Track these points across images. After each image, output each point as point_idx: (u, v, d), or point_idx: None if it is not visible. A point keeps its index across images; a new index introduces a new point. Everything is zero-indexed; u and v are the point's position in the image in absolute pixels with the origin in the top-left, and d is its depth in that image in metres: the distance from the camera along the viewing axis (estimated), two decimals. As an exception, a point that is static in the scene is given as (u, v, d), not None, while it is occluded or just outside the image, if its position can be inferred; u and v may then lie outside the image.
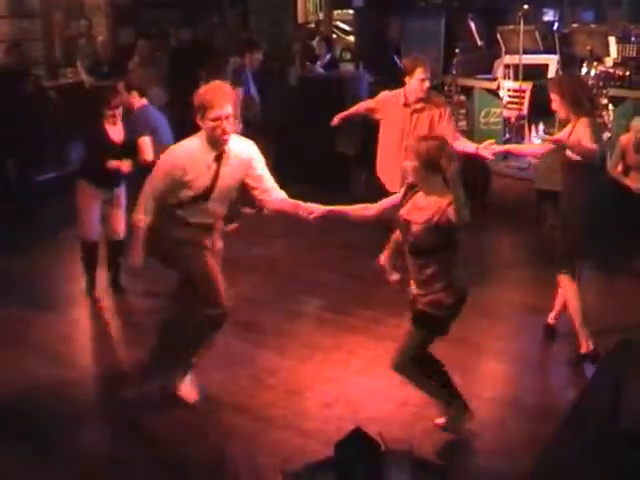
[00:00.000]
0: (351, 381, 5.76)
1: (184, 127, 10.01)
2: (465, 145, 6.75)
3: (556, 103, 5.96)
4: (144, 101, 7.42)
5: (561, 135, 6.00)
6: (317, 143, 10.51)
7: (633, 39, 11.81)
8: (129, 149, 6.97)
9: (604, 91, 10.84)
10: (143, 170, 6.57)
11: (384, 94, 7.28)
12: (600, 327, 6.19)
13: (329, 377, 5.82)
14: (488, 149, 6.42)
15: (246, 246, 8.62)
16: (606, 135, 10.40)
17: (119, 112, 7.07)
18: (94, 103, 7.31)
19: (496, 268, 8.00)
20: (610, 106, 10.59)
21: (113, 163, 6.92)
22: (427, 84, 6.91)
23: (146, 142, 6.99)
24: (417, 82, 6.88)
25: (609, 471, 2.70)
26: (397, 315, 6.69)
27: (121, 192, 7.29)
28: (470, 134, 10.47)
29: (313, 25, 16.76)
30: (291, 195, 5.58)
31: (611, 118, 10.40)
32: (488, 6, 14.21)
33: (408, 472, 2.67)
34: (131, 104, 7.32)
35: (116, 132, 7.06)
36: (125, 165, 6.93)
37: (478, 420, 5.07)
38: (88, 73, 12.28)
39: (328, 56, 12.49)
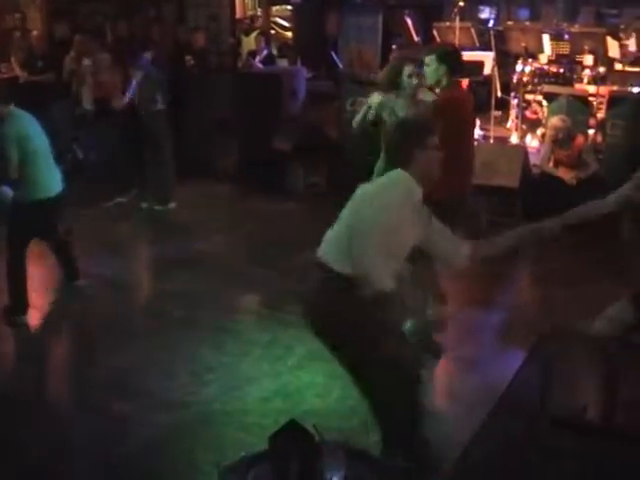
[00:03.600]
0: (289, 375, 5.79)
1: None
2: None
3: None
4: (8, 110, 6.58)
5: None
6: (254, 139, 10.52)
7: (566, 37, 11.99)
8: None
9: (538, 87, 11.01)
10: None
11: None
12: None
13: (267, 372, 5.84)
14: None
15: (183, 242, 8.61)
16: (541, 130, 10.59)
17: None
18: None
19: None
20: (544, 102, 10.76)
21: None
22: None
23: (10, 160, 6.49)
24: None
25: (537, 454, 2.78)
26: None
27: None
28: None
29: (249, 20, 16.73)
30: (228, 194, 5.54)
31: (545, 114, 10.56)
32: (425, 2, 14.30)
33: (343, 463, 2.70)
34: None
35: None
36: None
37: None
38: (22, 68, 12.11)
39: (265, 51, 12.49)
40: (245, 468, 2.83)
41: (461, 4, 11.05)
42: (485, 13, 16.05)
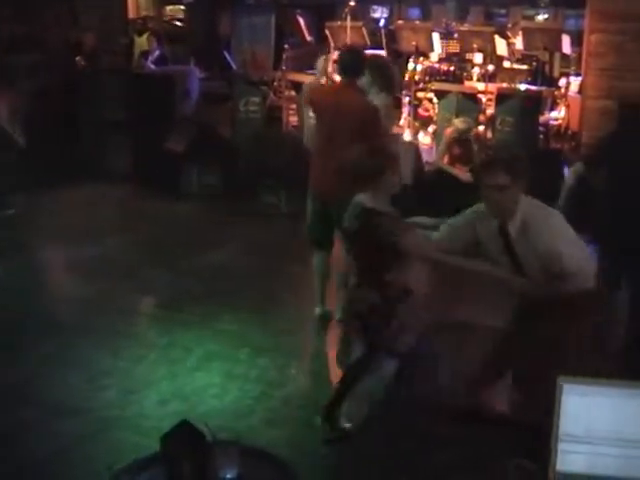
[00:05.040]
0: (187, 377, 5.77)
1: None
2: None
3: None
4: None
5: None
6: (148, 140, 10.43)
7: (456, 35, 12.24)
8: None
9: (429, 85, 11.21)
10: None
11: None
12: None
13: (165, 375, 5.81)
14: None
15: (76, 246, 8.47)
16: (432, 127, 10.78)
17: None
18: None
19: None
20: (435, 99, 10.95)
21: None
22: None
23: None
24: None
25: (414, 441, 2.86)
26: (230, 310, 6.80)
27: None
28: (301, 128, 10.62)
29: (141, 21, 16.54)
30: (122, 196, 5.48)
31: (436, 111, 10.75)
32: (317, 2, 14.40)
33: (237, 461, 2.72)
34: None
35: None
36: None
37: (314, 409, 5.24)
38: None
39: (158, 52, 12.39)
40: (137, 471, 2.82)
41: (352, 4, 11.17)
42: (377, 13, 16.22)
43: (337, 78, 11.08)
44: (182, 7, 16.90)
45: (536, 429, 2.69)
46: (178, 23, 17.72)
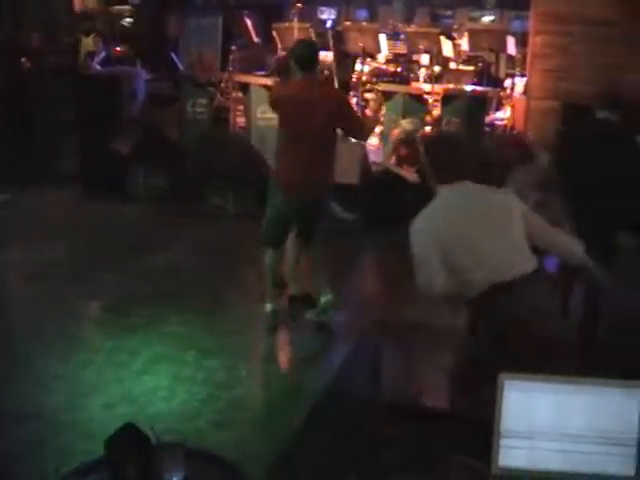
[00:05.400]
0: (134, 380, 5.73)
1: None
2: None
3: None
4: None
5: None
6: (94, 142, 10.34)
7: (402, 37, 12.31)
8: None
9: (376, 86, 11.26)
10: None
11: None
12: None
13: (112, 378, 5.77)
14: None
15: (22, 249, 8.37)
16: (379, 128, 10.83)
17: None
18: None
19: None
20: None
21: None
22: None
23: None
24: None
25: (366, 441, 2.87)
26: (178, 312, 6.78)
27: None
28: (248, 130, 10.63)
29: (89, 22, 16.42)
30: (68, 199, 5.41)
31: (383, 112, 10.81)
32: (264, 3, 14.39)
33: (182, 464, 2.71)
34: None
35: None
36: None
37: (260, 408, 5.25)
38: None
39: (103, 53, 12.31)
40: (83, 475, 2.80)
41: (299, 5, 11.19)
42: (325, 14, 16.25)
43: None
44: (129, 7, 16.80)
45: (484, 426, 2.71)
46: (125, 23, 17.62)
